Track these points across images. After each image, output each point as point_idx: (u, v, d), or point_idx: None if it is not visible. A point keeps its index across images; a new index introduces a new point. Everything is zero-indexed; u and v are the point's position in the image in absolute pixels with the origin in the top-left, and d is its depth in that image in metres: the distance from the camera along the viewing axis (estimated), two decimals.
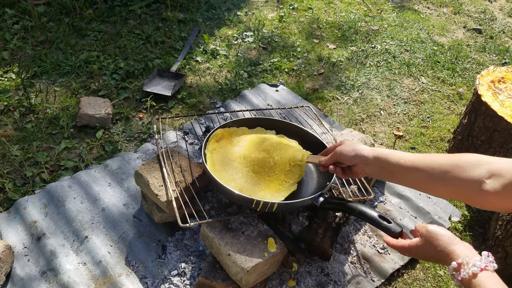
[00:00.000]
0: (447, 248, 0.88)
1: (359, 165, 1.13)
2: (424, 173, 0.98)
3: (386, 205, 1.86)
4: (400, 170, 1.02)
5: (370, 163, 1.10)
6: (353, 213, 1.25)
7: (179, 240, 1.59)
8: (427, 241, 0.93)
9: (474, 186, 0.88)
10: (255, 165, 1.43)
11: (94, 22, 2.99)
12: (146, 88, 2.40)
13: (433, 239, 0.92)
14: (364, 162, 1.11)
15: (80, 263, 1.51)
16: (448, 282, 1.62)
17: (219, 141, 1.54)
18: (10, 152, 1.93)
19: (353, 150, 1.14)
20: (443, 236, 0.91)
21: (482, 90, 1.95)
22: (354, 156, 1.13)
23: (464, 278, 0.81)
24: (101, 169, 1.87)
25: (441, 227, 0.94)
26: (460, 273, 0.82)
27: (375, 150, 1.10)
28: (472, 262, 0.81)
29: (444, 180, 0.94)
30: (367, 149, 1.12)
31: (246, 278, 1.27)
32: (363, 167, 1.12)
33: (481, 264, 0.81)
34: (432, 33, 3.48)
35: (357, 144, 1.16)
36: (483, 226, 1.85)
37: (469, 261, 0.82)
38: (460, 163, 0.92)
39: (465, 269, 0.81)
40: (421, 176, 0.99)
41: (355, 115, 2.47)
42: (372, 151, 1.10)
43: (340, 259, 1.60)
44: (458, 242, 0.89)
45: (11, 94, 2.27)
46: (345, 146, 1.18)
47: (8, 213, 1.68)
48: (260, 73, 2.74)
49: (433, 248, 0.91)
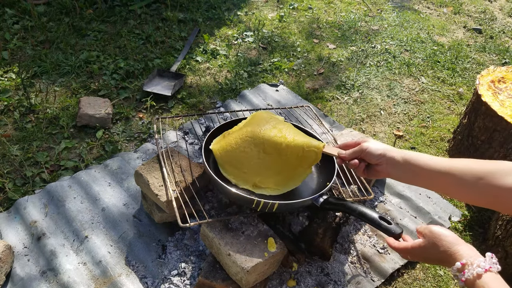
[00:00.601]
0: (450, 249, 0.88)
1: (383, 165, 1.09)
2: (454, 178, 0.94)
3: (386, 205, 1.86)
4: (429, 173, 0.99)
5: (397, 164, 1.05)
6: (353, 213, 1.25)
7: (179, 240, 1.59)
8: (431, 242, 0.92)
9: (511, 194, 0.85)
10: (266, 145, 1.34)
11: (94, 22, 2.99)
12: (146, 88, 2.40)
13: (437, 239, 0.91)
14: (390, 163, 1.07)
15: (80, 263, 1.51)
16: (448, 282, 1.62)
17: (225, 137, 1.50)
18: (10, 152, 1.93)
19: (381, 149, 1.09)
20: (446, 237, 0.90)
21: (482, 90, 1.95)
22: (381, 155, 1.08)
23: (468, 278, 0.81)
24: (101, 169, 1.87)
25: (444, 228, 0.93)
26: (464, 274, 0.82)
27: (404, 152, 1.06)
28: (477, 263, 0.81)
29: (476, 187, 0.91)
30: (395, 150, 1.08)
31: (246, 278, 1.27)
32: (388, 168, 1.08)
33: (486, 265, 0.80)
34: (432, 33, 3.48)
35: (384, 144, 1.12)
36: (483, 226, 1.85)
37: (473, 262, 0.82)
38: (495, 170, 0.89)
39: (470, 270, 0.81)
40: (450, 180, 0.95)
41: (355, 115, 2.47)
42: (400, 152, 1.06)
43: (340, 259, 1.60)
44: (462, 242, 0.89)
45: (11, 94, 2.27)
46: (372, 143, 1.13)
47: (8, 213, 1.68)
48: (260, 73, 2.74)
49: (436, 248, 0.90)
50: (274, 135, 1.34)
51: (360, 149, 1.14)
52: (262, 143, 1.34)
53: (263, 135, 1.35)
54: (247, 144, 1.36)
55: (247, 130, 1.39)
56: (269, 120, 1.42)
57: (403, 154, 1.05)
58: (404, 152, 1.06)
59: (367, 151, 1.11)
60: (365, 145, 1.13)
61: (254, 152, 1.35)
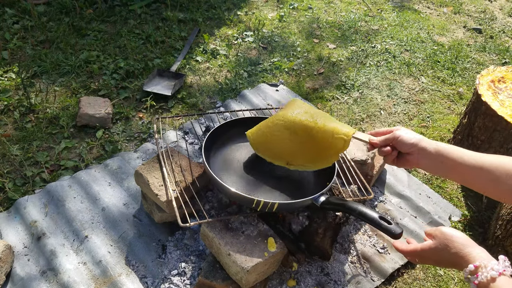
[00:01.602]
0: (462, 251, 0.85)
1: (415, 155, 1.06)
2: (488, 173, 0.93)
3: (386, 205, 1.86)
4: (462, 167, 0.97)
5: (428, 155, 1.03)
6: (353, 213, 1.25)
7: (179, 239, 1.59)
8: (442, 243, 0.90)
9: None
10: (297, 128, 1.36)
11: (94, 22, 2.99)
12: (146, 87, 2.40)
13: (448, 241, 0.88)
14: (422, 153, 1.04)
15: (80, 263, 1.51)
16: (448, 282, 1.62)
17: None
18: (10, 151, 1.93)
19: (414, 138, 1.06)
20: (458, 238, 0.88)
21: (482, 90, 1.95)
22: (413, 144, 1.05)
23: (482, 281, 0.78)
24: (101, 168, 1.87)
25: (455, 229, 0.91)
26: (478, 277, 0.79)
27: (437, 143, 1.04)
28: (490, 266, 0.79)
29: (508, 183, 0.89)
30: (428, 140, 1.05)
31: (246, 278, 1.27)
32: (419, 158, 1.06)
33: (499, 268, 0.78)
34: (432, 33, 3.48)
35: (417, 133, 1.09)
36: (483, 226, 1.85)
37: (487, 265, 0.79)
38: None
39: (483, 273, 0.79)
40: (484, 176, 0.94)
41: (355, 115, 2.47)
42: (433, 143, 1.04)
43: (340, 259, 1.60)
44: (474, 244, 0.86)
45: (11, 94, 2.27)
46: (404, 131, 1.10)
47: (8, 213, 1.68)
48: (260, 72, 2.74)
49: (448, 250, 0.88)
50: (305, 119, 1.36)
51: (392, 137, 1.12)
52: (293, 126, 1.38)
53: (294, 119, 1.38)
54: (279, 128, 1.40)
55: (279, 114, 1.43)
56: (302, 106, 1.45)
57: (435, 145, 1.03)
58: (437, 143, 1.04)
59: (399, 139, 1.09)
60: (397, 133, 1.11)
61: (285, 135, 1.39)
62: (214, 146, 1.56)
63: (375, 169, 1.83)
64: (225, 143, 1.61)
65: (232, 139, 1.62)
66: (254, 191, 1.43)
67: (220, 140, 1.59)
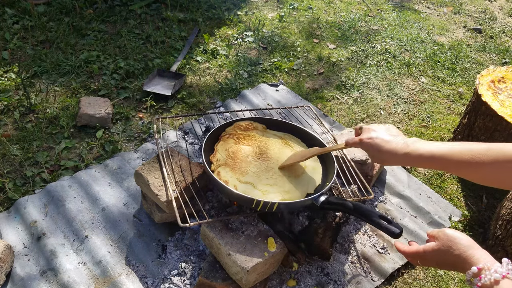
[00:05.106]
0: (466, 253, 0.85)
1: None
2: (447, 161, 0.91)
3: (386, 205, 1.86)
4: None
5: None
6: (353, 213, 1.25)
7: (179, 240, 1.59)
8: (445, 245, 0.89)
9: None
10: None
11: (94, 22, 2.99)
12: (146, 88, 2.40)
13: (452, 242, 0.88)
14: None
15: (80, 263, 1.51)
16: (448, 282, 1.62)
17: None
18: (10, 152, 1.93)
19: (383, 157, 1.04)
20: (462, 240, 0.87)
21: (482, 90, 1.95)
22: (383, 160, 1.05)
23: (485, 284, 0.78)
24: (101, 169, 1.87)
25: (458, 231, 0.91)
26: (481, 279, 0.78)
27: (407, 145, 0.99)
28: (494, 268, 0.78)
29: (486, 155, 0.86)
30: (399, 144, 1.00)
31: (246, 278, 1.27)
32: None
33: (503, 270, 0.77)
34: (432, 33, 3.48)
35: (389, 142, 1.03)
36: (483, 226, 1.85)
37: (490, 267, 0.78)
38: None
39: (487, 275, 0.78)
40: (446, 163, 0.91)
41: (355, 115, 2.47)
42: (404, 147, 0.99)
43: (340, 259, 1.60)
44: (477, 247, 0.86)
45: (11, 94, 2.27)
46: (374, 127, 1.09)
47: (8, 213, 1.68)
48: (260, 72, 2.74)
49: (451, 252, 0.87)
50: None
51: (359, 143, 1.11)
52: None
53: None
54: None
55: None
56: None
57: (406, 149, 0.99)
58: (407, 145, 1.00)
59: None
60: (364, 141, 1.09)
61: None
62: (214, 146, 1.56)
63: (375, 169, 1.82)
64: None
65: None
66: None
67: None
